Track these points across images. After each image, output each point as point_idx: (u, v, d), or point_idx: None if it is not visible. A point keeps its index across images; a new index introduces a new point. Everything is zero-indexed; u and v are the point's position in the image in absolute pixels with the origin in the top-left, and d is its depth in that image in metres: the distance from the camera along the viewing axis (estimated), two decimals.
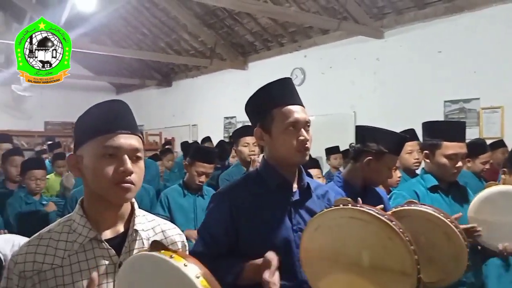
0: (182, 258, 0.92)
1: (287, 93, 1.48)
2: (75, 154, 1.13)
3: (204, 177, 2.98)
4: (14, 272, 1.05)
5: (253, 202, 1.45)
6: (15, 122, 10.24)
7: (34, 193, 3.30)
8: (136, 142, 1.10)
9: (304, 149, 1.43)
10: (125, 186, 1.06)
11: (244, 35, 7.57)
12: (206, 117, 8.93)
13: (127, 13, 8.15)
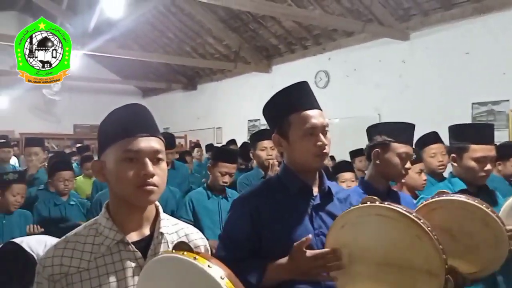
0: (206, 259, 0.92)
1: (303, 98, 1.46)
2: (99, 159, 1.14)
3: (228, 177, 2.99)
4: (44, 276, 1.06)
5: (274, 207, 1.44)
6: (46, 125, 10.54)
7: (62, 194, 3.36)
8: (157, 144, 1.10)
9: (322, 154, 1.42)
10: (147, 188, 1.06)
11: (268, 39, 7.60)
12: (230, 120, 8.99)
13: (153, 18, 8.29)
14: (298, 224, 1.43)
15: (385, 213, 1.25)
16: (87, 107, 11.24)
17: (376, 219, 1.27)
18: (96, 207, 2.67)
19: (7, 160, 5.11)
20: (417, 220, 1.20)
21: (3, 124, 9.85)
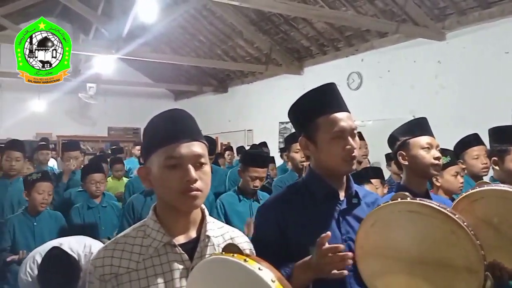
0: (256, 262, 0.92)
1: (331, 100, 1.43)
2: (145, 165, 1.16)
3: (258, 182, 2.98)
4: (95, 276, 1.09)
5: (299, 213, 1.42)
6: (81, 128, 10.82)
7: (95, 196, 3.42)
8: (199, 149, 1.11)
9: (351, 158, 1.39)
10: (191, 194, 1.08)
11: (300, 40, 7.56)
12: (261, 122, 8.99)
13: (185, 21, 8.39)
14: (325, 230, 1.38)
15: (417, 209, 1.21)
16: (121, 110, 11.49)
17: (408, 215, 1.23)
18: (129, 210, 2.70)
19: (45, 162, 5.28)
20: (452, 216, 1.16)
21: (41, 127, 10.18)
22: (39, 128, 10.13)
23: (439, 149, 1.88)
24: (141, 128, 11.68)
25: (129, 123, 11.89)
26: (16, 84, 10.13)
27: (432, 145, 1.85)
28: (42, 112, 10.28)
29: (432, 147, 1.85)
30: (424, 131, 1.90)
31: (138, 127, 11.99)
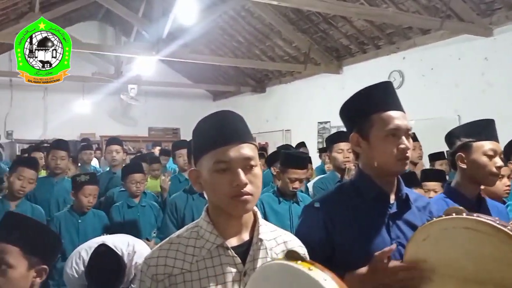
0: (321, 271, 0.87)
1: (387, 98, 1.39)
2: (195, 169, 1.15)
3: (298, 183, 2.93)
4: (147, 274, 1.08)
5: (348, 214, 1.38)
6: (123, 128, 11.09)
7: (134, 196, 3.48)
8: (249, 151, 1.09)
9: (404, 158, 1.34)
10: (242, 199, 1.06)
11: (339, 39, 7.45)
12: (299, 122, 8.92)
13: (223, 22, 8.44)
14: (374, 233, 1.35)
15: (474, 227, 1.14)
16: (160, 111, 11.70)
17: (464, 232, 1.15)
18: (172, 209, 2.72)
19: (89, 161, 5.44)
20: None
21: (85, 127, 10.51)
22: (83, 129, 10.46)
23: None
24: (180, 128, 11.99)
25: (169, 124, 12.09)
26: (61, 86, 10.50)
27: (496, 152, 1.75)
28: (85, 113, 10.60)
29: (496, 154, 1.74)
30: (490, 135, 1.79)
31: (178, 127, 12.17)
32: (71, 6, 8.77)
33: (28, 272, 1.37)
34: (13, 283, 1.33)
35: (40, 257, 1.40)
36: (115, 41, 10.66)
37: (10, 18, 8.24)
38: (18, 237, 1.37)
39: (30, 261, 1.37)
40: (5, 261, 1.33)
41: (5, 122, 10.34)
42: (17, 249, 1.35)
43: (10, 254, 1.34)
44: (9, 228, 1.41)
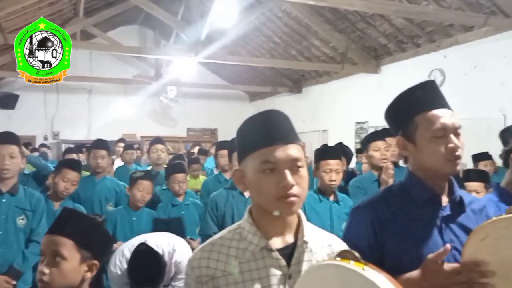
0: (376, 271, 0.85)
1: (431, 97, 1.33)
2: (239, 168, 1.13)
3: (334, 174, 2.86)
4: (192, 277, 1.08)
5: (398, 217, 1.32)
6: (163, 129, 11.32)
7: (178, 195, 3.58)
8: (295, 152, 1.06)
9: (455, 158, 1.27)
10: (288, 200, 1.02)
11: (377, 38, 7.34)
12: (336, 123, 8.85)
13: (260, 23, 8.49)
14: (426, 237, 1.30)
15: None
16: (199, 112, 11.88)
17: None
18: (213, 207, 2.77)
19: (130, 161, 5.59)
20: None
21: (127, 128, 10.82)
22: (125, 129, 10.76)
23: None
24: (218, 129, 12.13)
25: (207, 124, 12.26)
26: (104, 88, 10.91)
27: None
28: (127, 114, 10.92)
29: None
30: None
31: (215, 128, 12.32)
32: (113, 11, 9.06)
33: (80, 265, 1.41)
34: (66, 275, 1.38)
35: (92, 252, 1.44)
36: (155, 44, 10.91)
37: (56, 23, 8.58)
38: (73, 231, 1.42)
39: (83, 255, 1.42)
40: (59, 253, 1.38)
41: (52, 123, 10.79)
42: (71, 242, 1.40)
43: (64, 247, 1.39)
44: (65, 222, 1.47)
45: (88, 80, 10.39)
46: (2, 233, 2.66)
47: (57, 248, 1.39)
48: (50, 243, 1.41)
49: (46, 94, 10.63)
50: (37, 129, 10.41)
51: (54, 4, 7.56)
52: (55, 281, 1.38)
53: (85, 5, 8.20)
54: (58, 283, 1.38)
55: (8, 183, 2.72)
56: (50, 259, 1.39)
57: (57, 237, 1.41)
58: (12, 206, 2.71)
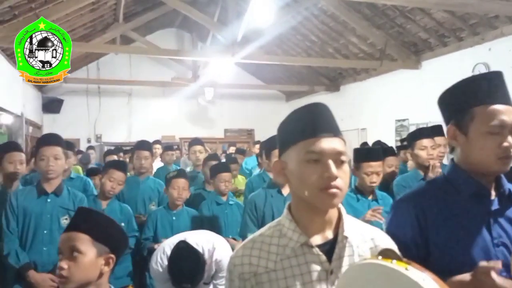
0: (419, 270, 0.82)
1: (495, 90, 1.27)
2: (280, 160, 1.13)
3: (375, 177, 2.85)
4: (234, 274, 1.09)
5: (443, 211, 1.28)
6: (201, 130, 11.46)
7: (223, 194, 3.63)
8: (339, 145, 1.07)
9: (506, 157, 1.23)
10: (331, 192, 1.02)
11: (417, 33, 7.14)
12: (375, 121, 8.69)
13: (296, 22, 8.44)
14: (474, 232, 1.25)
15: None
16: (235, 113, 11.96)
17: None
18: (252, 207, 2.77)
19: (170, 162, 5.70)
20: None
21: (166, 130, 11.03)
22: (164, 131, 10.97)
23: None
24: (255, 129, 12.16)
25: (243, 125, 12.32)
26: (143, 91, 11.17)
27: None
28: (166, 116, 11.14)
29: None
30: None
31: (252, 128, 12.37)
32: (151, 15, 9.26)
33: (96, 259, 1.47)
34: (84, 269, 1.44)
35: (107, 246, 1.50)
36: (192, 47, 11.07)
37: (97, 29, 8.86)
38: (88, 227, 1.49)
39: (99, 249, 1.48)
40: (76, 248, 1.45)
41: (95, 126, 11.14)
42: (87, 237, 1.47)
43: (81, 241, 1.46)
44: (81, 219, 1.54)
45: (128, 83, 10.68)
46: (47, 232, 2.75)
47: (74, 243, 1.45)
48: (67, 240, 1.48)
49: (88, 98, 11.00)
50: (80, 132, 10.76)
51: (95, 11, 7.80)
52: (74, 275, 1.44)
53: (125, 10, 8.41)
54: (77, 277, 1.44)
55: (53, 184, 2.82)
56: (68, 254, 1.46)
57: (74, 233, 1.48)
58: (57, 206, 2.80)
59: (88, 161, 7.10)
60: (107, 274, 1.51)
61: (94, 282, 1.47)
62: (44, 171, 2.76)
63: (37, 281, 2.66)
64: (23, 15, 6.02)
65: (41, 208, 2.76)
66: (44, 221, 2.75)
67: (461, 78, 1.38)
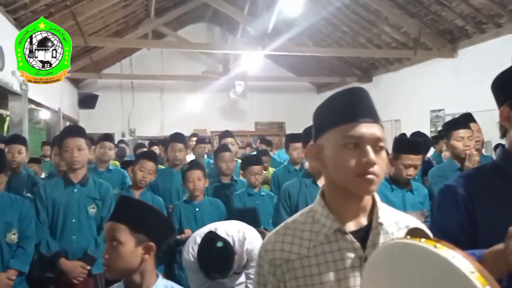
0: (449, 248, 0.79)
1: None
2: (316, 143, 1.12)
3: (413, 170, 2.80)
4: (265, 259, 1.09)
5: (491, 197, 1.23)
6: (231, 123, 11.50)
7: (254, 186, 3.64)
8: (379, 131, 1.04)
9: None
10: (368, 178, 1.00)
11: (453, 20, 6.91)
12: (409, 112, 8.49)
13: (327, 13, 8.33)
14: None
15: None
16: (266, 106, 11.95)
17: None
18: (285, 196, 2.76)
19: (202, 155, 5.75)
20: None
21: (197, 123, 11.14)
22: (196, 125, 11.08)
23: None
24: (286, 122, 12.11)
25: (274, 118, 12.30)
26: (175, 85, 11.30)
27: None
28: (197, 110, 11.25)
29: None
30: None
31: (283, 121, 12.33)
32: (181, 10, 9.34)
33: (136, 248, 1.50)
34: (124, 258, 1.48)
35: (146, 234, 1.52)
36: (223, 40, 11.11)
37: (129, 25, 9.02)
38: (126, 217, 1.52)
39: (137, 238, 1.50)
40: (115, 238, 1.48)
41: (128, 121, 11.38)
42: (124, 227, 1.50)
43: (120, 232, 1.49)
44: (119, 209, 1.57)
45: (160, 78, 10.83)
46: (75, 221, 2.83)
47: (113, 234, 1.49)
48: (109, 230, 1.53)
49: (122, 93, 11.23)
50: (115, 126, 11.00)
51: (127, 7, 7.93)
52: (115, 264, 1.49)
53: (156, 6, 8.51)
54: (118, 266, 1.49)
55: (79, 174, 2.88)
56: (109, 244, 1.51)
57: (114, 224, 1.52)
58: (83, 196, 2.87)
59: (123, 154, 7.30)
60: (150, 262, 1.54)
61: (137, 269, 1.50)
62: (68, 162, 2.83)
63: (68, 268, 2.75)
64: (59, 12, 6.19)
65: (68, 198, 2.84)
66: (72, 211, 2.83)
67: (501, 66, 1.32)
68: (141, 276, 1.52)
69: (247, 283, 2.77)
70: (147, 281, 1.53)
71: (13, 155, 3.61)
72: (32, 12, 5.81)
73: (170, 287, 1.58)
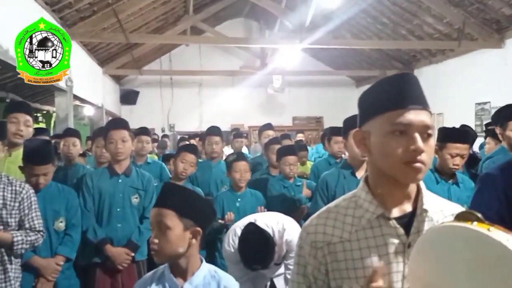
0: (503, 231, 0.77)
1: None
2: (361, 130, 1.10)
3: (459, 159, 2.69)
4: (306, 241, 1.09)
5: None
6: (269, 118, 11.43)
7: (289, 177, 3.63)
8: (427, 118, 1.02)
9: None
10: (415, 166, 0.98)
11: (500, 9, 6.62)
12: (453, 105, 8.20)
13: (366, 4, 8.16)
14: None
15: None
16: (303, 100, 11.88)
17: None
18: (323, 186, 2.73)
19: (240, 148, 5.80)
20: None
21: (235, 118, 11.22)
22: (233, 120, 11.16)
23: None
24: (324, 116, 12.00)
25: (312, 112, 12.21)
26: (213, 81, 11.41)
27: None
28: (235, 105, 11.33)
29: None
30: None
31: (321, 116, 12.21)
32: (219, 6, 9.40)
33: (184, 233, 1.53)
34: (172, 242, 1.52)
35: (193, 219, 1.56)
36: (260, 34, 11.11)
37: (168, 22, 9.17)
38: (173, 202, 1.55)
39: (185, 224, 1.54)
40: (163, 223, 1.52)
41: (168, 116, 11.60)
42: (172, 212, 1.53)
43: (167, 217, 1.52)
44: (166, 195, 1.60)
45: (198, 74, 10.97)
46: (120, 210, 2.94)
47: (161, 219, 1.52)
48: (156, 215, 1.55)
49: (162, 89, 11.45)
50: (155, 122, 11.23)
51: (166, 4, 8.05)
52: (164, 249, 1.52)
53: (194, 2, 8.60)
54: (167, 250, 1.52)
55: (123, 165, 2.99)
56: (157, 229, 1.54)
57: (161, 209, 1.55)
58: (127, 186, 2.98)
59: (165, 146, 7.54)
60: (196, 246, 1.58)
61: (184, 254, 1.54)
62: (113, 153, 2.94)
63: (113, 254, 2.86)
64: (101, 11, 6.36)
65: (113, 188, 2.94)
66: (117, 200, 2.94)
67: None
68: (187, 261, 1.56)
69: (286, 274, 2.77)
70: (192, 265, 1.57)
71: (68, 147, 3.77)
72: (76, 11, 6.00)
73: (214, 271, 1.61)
